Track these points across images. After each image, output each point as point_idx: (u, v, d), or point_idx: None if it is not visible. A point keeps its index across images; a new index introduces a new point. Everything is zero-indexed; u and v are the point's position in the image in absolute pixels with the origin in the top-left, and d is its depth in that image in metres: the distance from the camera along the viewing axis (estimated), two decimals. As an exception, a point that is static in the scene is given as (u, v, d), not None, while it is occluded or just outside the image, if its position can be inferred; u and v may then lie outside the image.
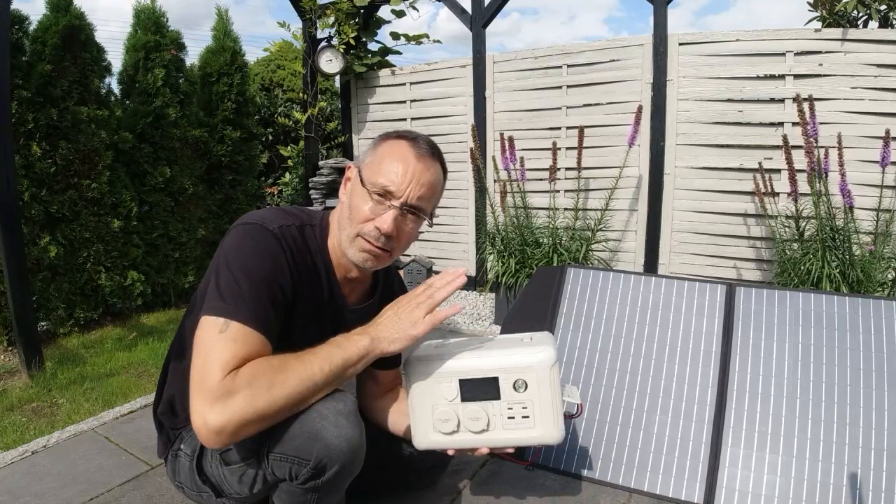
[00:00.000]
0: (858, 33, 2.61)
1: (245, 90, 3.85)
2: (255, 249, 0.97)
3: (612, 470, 1.48)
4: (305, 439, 0.91)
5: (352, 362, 0.95)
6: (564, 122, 3.30)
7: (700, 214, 3.01)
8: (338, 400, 0.96)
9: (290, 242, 1.01)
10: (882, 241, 2.35)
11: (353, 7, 3.74)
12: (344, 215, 1.04)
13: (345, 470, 0.95)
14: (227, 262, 0.96)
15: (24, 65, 2.70)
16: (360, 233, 1.01)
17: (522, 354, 1.02)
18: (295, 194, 4.81)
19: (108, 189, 3.02)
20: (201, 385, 0.86)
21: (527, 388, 1.00)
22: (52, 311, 2.83)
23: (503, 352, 1.03)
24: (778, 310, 1.57)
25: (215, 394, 0.84)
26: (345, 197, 1.07)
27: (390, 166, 1.01)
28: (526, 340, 1.09)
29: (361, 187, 1.01)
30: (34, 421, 1.95)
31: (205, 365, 0.87)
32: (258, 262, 0.96)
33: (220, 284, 0.94)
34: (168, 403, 1.17)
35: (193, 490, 1.13)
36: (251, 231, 0.99)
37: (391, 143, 1.04)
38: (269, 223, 1.00)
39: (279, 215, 1.04)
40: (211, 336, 0.89)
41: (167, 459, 1.18)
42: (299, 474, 0.94)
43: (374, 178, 1.01)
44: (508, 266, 2.88)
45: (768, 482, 1.34)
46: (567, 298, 1.79)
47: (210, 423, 0.83)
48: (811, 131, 2.24)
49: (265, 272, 0.95)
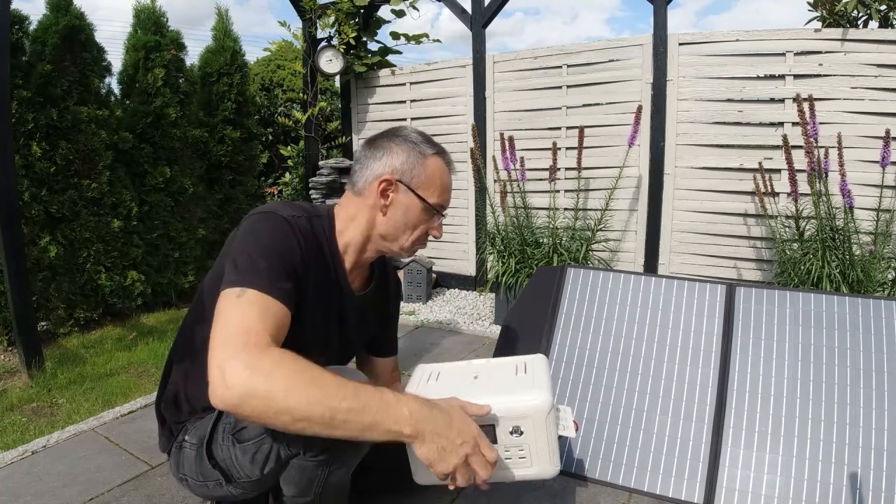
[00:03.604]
0: (858, 33, 2.61)
1: (245, 90, 3.85)
2: (268, 230, 1.02)
3: (611, 470, 1.48)
4: None
5: (378, 427, 0.84)
6: (564, 122, 3.30)
7: (700, 214, 3.01)
8: (354, 374, 1.02)
9: (301, 229, 1.06)
10: (882, 241, 2.35)
11: (353, 7, 3.74)
12: (397, 224, 1.13)
13: (354, 444, 0.98)
14: (242, 244, 0.99)
15: (24, 65, 2.70)
16: (419, 239, 1.16)
17: (518, 400, 0.99)
18: (295, 194, 4.81)
19: (108, 189, 3.02)
20: (223, 342, 0.85)
21: (523, 433, 0.99)
22: (52, 311, 2.83)
23: (499, 395, 1.00)
24: (778, 310, 1.57)
25: (239, 349, 0.83)
26: (393, 210, 1.12)
27: (445, 190, 1.16)
28: (521, 374, 1.06)
29: (420, 202, 1.12)
30: (34, 421, 1.95)
31: (225, 327, 0.87)
32: (272, 241, 1.00)
33: (238, 263, 0.96)
34: (172, 398, 1.18)
35: (199, 480, 1.12)
36: (264, 217, 1.04)
37: (436, 162, 1.14)
38: (281, 211, 1.05)
39: (288, 206, 1.09)
40: (230, 302, 0.90)
41: (170, 453, 1.18)
42: (312, 445, 0.96)
43: (433, 198, 1.14)
44: (508, 266, 2.88)
45: (768, 482, 1.34)
46: (567, 298, 1.79)
47: (228, 376, 0.81)
48: (811, 131, 2.24)
49: (280, 249, 1.00)
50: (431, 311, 3.34)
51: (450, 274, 3.87)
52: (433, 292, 3.76)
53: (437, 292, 3.79)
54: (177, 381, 1.18)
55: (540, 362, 1.10)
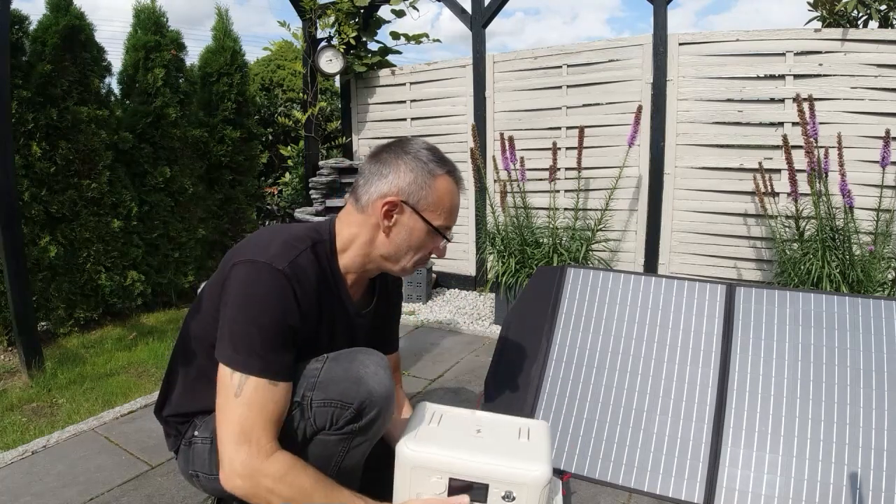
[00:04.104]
0: (858, 33, 2.61)
1: (245, 90, 3.85)
2: (265, 295, 0.99)
3: (612, 470, 1.48)
4: (350, 384, 1.00)
5: None
6: (564, 122, 3.30)
7: (700, 214, 3.01)
8: (373, 353, 1.06)
9: (302, 276, 1.02)
10: (882, 241, 2.35)
11: (353, 7, 3.74)
12: (400, 246, 1.10)
13: (380, 416, 1.03)
14: (238, 307, 0.99)
15: (24, 65, 2.70)
16: (421, 260, 1.14)
17: (517, 466, 1.00)
18: (295, 194, 4.81)
19: (108, 189, 3.01)
20: (227, 440, 0.95)
21: (514, 500, 1.00)
22: (52, 311, 2.83)
23: (498, 456, 1.02)
24: (778, 310, 1.57)
25: (241, 456, 0.94)
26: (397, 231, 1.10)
27: (452, 212, 1.13)
28: (523, 438, 1.09)
29: (425, 225, 1.09)
30: (34, 421, 1.95)
31: (228, 426, 0.96)
32: (268, 309, 0.98)
33: (234, 331, 0.98)
34: (175, 407, 1.18)
35: (211, 474, 1.11)
36: (262, 273, 1.00)
37: (445, 182, 1.11)
38: (279, 261, 1.01)
39: (288, 247, 1.04)
40: (229, 397, 0.97)
41: (178, 451, 1.18)
42: (340, 418, 1.00)
43: (439, 221, 1.11)
44: (508, 266, 2.88)
45: (768, 482, 1.34)
46: (567, 298, 1.79)
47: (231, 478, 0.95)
48: (811, 131, 2.24)
49: (276, 317, 0.99)
50: (431, 311, 3.34)
51: (450, 274, 3.87)
52: (433, 292, 3.76)
53: (436, 292, 3.79)
54: (180, 385, 1.17)
55: (543, 430, 1.13)
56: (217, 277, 1.08)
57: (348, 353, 1.07)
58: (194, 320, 1.14)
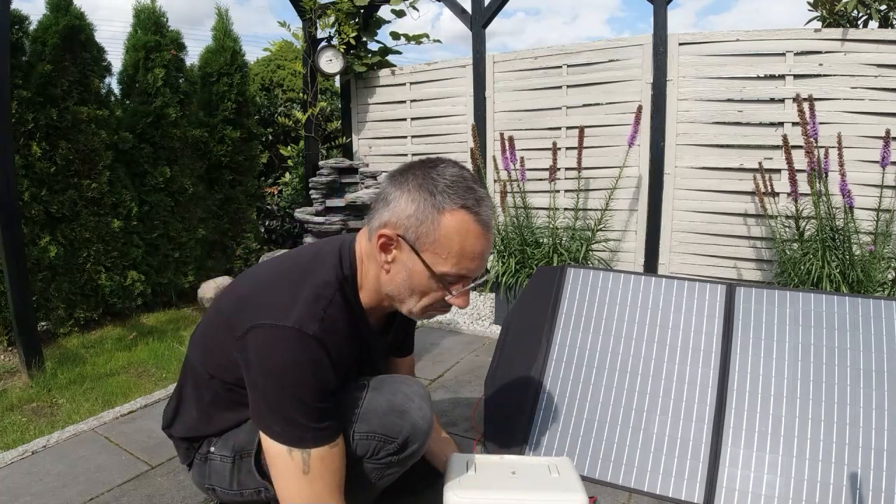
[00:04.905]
0: (858, 33, 2.61)
1: (245, 90, 3.85)
2: (299, 367, 0.90)
3: (612, 470, 1.48)
4: (394, 417, 0.99)
5: None
6: (564, 122, 3.30)
7: (700, 214, 3.01)
8: (416, 384, 1.06)
9: (333, 330, 0.93)
10: (882, 241, 2.35)
11: (353, 7, 3.74)
12: (401, 287, 0.97)
13: (420, 448, 1.03)
14: (272, 380, 0.90)
15: (24, 65, 2.70)
16: (432, 307, 0.99)
17: (560, 498, 1.10)
18: (295, 194, 4.81)
19: (108, 189, 3.02)
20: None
21: None
22: (52, 311, 2.83)
23: (540, 492, 1.12)
24: (778, 310, 1.57)
25: None
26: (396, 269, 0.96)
27: (464, 256, 0.93)
28: (554, 474, 1.18)
29: (425, 269, 0.92)
30: (34, 421, 1.95)
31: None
32: (308, 383, 0.90)
33: (275, 407, 0.91)
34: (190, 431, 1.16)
35: (232, 490, 1.11)
36: (292, 342, 0.89)
37: (455, 219, 0.91)
38: (308, 324, 0.89)
39: (316, 300, 0.93)
40: (297, 478, 0.91)
41: (192, 465, 1.17)
42: (381, 450, 0.99)
43: (443, 266, 0.92)
44: (508, 266, 2.88)
45: (768, 482, 1.34)
46: (567, 298, 1.79)
47: None
48: (811, 131, 2.24)
49: (316, 390, 0.91)
50: (431, 311, 3.33)
51: (450, 274, 3.86)
52: (433, 292, 3.75)
53: (437, 292, 3.78)
54: (194, 409, 1.15)
55: (568, 465, 1.24)
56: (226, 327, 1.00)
57: (390, 382, 1.05)
58: (203, 353, 1.10)
